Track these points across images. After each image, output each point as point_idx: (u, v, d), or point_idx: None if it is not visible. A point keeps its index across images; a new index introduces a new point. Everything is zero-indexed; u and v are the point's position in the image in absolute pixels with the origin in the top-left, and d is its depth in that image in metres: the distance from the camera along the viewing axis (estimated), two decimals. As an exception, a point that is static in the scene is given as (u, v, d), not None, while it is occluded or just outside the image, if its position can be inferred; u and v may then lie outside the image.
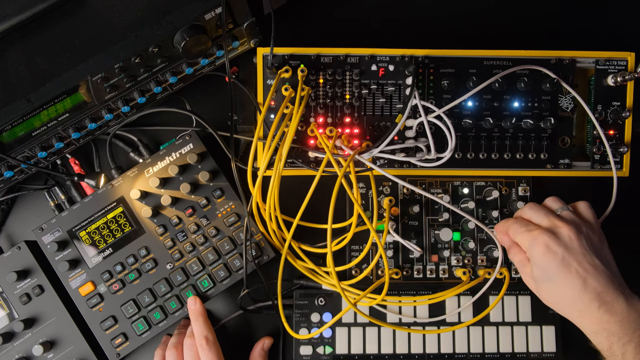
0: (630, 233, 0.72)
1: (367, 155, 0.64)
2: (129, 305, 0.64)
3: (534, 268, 0.56)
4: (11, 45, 0.55)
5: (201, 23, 0.57)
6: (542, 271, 0.55)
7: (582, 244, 0.54)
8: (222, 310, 0.70)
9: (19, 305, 0.63)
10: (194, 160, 0.65)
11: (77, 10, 0.56)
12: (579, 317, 0.54)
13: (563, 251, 0.54)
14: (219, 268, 0.65)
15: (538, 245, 0.55)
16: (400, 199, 0.69)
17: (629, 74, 0.66)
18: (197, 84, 0.68)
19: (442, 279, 0.69)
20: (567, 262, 0.53)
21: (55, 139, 0.61)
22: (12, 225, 0.71)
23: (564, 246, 0.54)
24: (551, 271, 0.54)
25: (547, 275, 0.55)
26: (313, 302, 0.67)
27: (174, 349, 0.63)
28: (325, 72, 0.66)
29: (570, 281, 0.53)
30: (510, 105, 0.68)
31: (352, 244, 0.69)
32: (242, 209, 0.66)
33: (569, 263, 0.53)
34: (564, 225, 0.55)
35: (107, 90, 0.59)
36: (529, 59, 0.67)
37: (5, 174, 0.61)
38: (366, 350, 0.67)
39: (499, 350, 0.67)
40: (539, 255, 0.55)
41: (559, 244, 0.54)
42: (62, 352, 0.63)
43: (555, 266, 0.54)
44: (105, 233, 0.65)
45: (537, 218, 0.58)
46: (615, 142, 0.68)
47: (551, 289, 0.55)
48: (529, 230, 0.57)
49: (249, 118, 0.68)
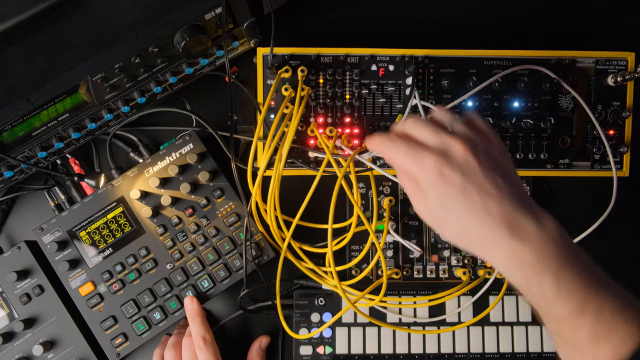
0: (630, 233, 0.72)
1: (367, 155, 0.64)
2: (129, 305, 0.64)
3: (429, 201, 0.46)
4: (11, 45, 0.55)
5: (201, 23, 0.57)
6: (439, 203, 0.46)
7: (481, 164, 0.45)
8: (222, 310, 0.70)
9: (19, 305, 0.63)
10: (194, 160, 0.65)
11: (77, 10, 0.56)
12: (491, 250, 0.45)
13: (461, 176, 0.45)
14: (219, 268, 0.65)
15: (430, 172, 0.45)
16: (400, 199, 0.69)
17: (629, 74, 0.66)
18: (197, 84, 0.68)
19: (442, 279, 0.69)
20: (466, 188, 0.44)
21: (55, 139, 0.61)
22: (12, 225, 0.71)
23: (460, 170, 0.45)
24: (450, 201, 0.45)
25: (447, 207, 0.45)
26: (313, 302, 0.67)
27: (173, 349, 0.63)
28: (325, 72, 0.66)
29: (474, 209, 0.44)
30: (510, 105, 0.68)
31: (352, 244, 0.69)
32: (242, 209, 0.66)
33: (469, 189, 0.44)
34: (456, 143, 0.45)
35: (107, 90, 0.59)
36: (529, 59, 0.67)
37: (5, 174, 0.61)
38: (366, 350, 0.67)
39: (499, 350, 0.67)
40: (433, 186, 0.45)
41: (454, 169, 0.45)
42: (62, 352, 0.63)
43: (454, 195, 0.45)
44: (105, 233, 0.65)
45: (424, 135, 0.47)
46: (615, 142, 0.68)
47: (454, 221, 0.46)
48: (415, 155, 0.46)
49: (249, 118, 0.68)
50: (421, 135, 0.47)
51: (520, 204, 0.45)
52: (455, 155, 0.45)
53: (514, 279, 0.45)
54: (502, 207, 0.44)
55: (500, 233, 0.44)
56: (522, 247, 0.43)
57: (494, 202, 0.44)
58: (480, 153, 0.46)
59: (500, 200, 0.44)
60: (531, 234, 0.43)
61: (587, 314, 0.42)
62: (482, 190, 0.45)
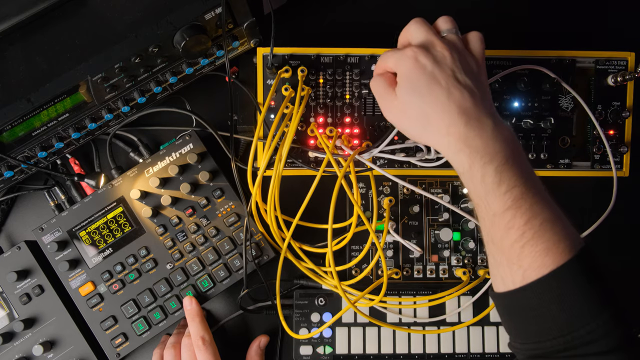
0: (630, 233, 0.72)
1: (367, 155, 0.64)
2: (129, 305, 0.64)
3: (401, 84, 0.51)
4: (11, 45, 0.55)
5: (201, 23, 0.57)
6: (410, 85, 0.50)
7: (455, 62, 0.49)
8: (222, 310, 0.70)
9: (19, 305, 0.63)
10: (194, 160, 0.65)
11: (77, 10, 0.56)
12: (444, 136, 0.48)
13: (432, 65, 0.49)
14: (219, 268, 0.65)
15: (407, 58, 0.50)
16: (400, 199, 0.69)
17: (629, 74, 0.66)
18: (197, 84, 0.68)
19: (442, 279, 0.69)
20: (435, 75, 0.49)
21: (55, 139, 0.61)
22: (12, 225, 0.71)
23: (434, 60, 0.49)
24: (420, 85, 0.49)
25: (416, 90, 0.49)
26: (313, 302, 0.67)
27: (172, 349, 0.63)
28: (325, 72, 0.66)
29: (438, 92, 0.48)
30: (510, 105, 0.68)
31: (352, 244, 0.69)
32: (242, 209, 0.66)
33: (437, 76, 0.48)
34: (439, 43, 0.50)
35: (107, 90, 0.59)
36: (529, 59, 0.67)
37: (5, 174, 0.61)
38: (366, 350, 0.67)
39: (499, 350, 0.67)
40: (407, 69, 0.50)
41: (429, 58, 0.49)
42: (62, 352, 0.63)
43: (424, 79, 0.49)
44: (105, 233, 0.65)
45: (415, 34, 0.52)
46: (615, 142, 0.68)
47: (420, 104, 0.49)
48: (400, 51, 0.51)
49: (249, 118, 0.68)
50: (414, 33, 0.52)
51: (482, 105, 0.48)
52: (434, 50, 0.50)
53: (460, 163, 0.48)
54: (464, 99, 0.48)
55: (456, 121, 0.48)
56: (474, 135, 0.47)
57: (459, 93, 0.48)
58: (459, 56, 0.50)
59: (464, 94, 0.48)
60: (486, 128, 0.47)
61: (520, 214, 0.45)
62: (450, 81, 0.49)
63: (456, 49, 0.50)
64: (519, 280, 0.45)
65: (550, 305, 0.43)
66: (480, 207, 0.48)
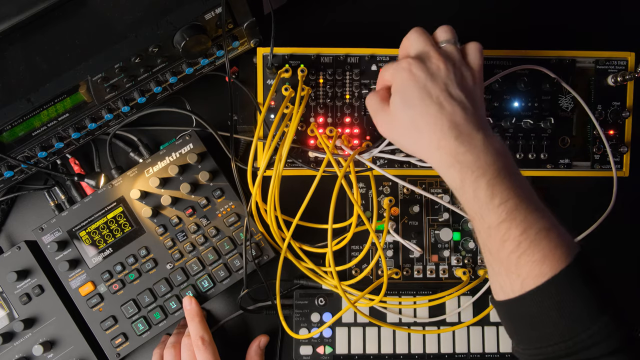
0: (630, 233, 0.72)
1: (367, 155, 0.64)
2: (129, 305, 0.64)
3: (394, 95, 0.51)
4: (11, 45, 0.55)
5: (201, 23, 0.57)
6: (402, 97, 0.50)
7: (449, 76, 0.49)
8: (221, 310, 0.70)
9: (19, 305, 0.63)
10: (194, 160, 0.65)
11: (77, 10, 0.56)
12: (435, 150, 0.48)
13: (426, 77, 0.49)
14: (219, 268, 0.65)
15: (402, 70, 0.50)
16: (400, 199, 0.69)
17: (629, 74, 0.66)
18: (197, 84, 0.68)
19: (442, 279, 0.69)
20: (427, 86, 0.48)
21: (55, 139, 0.61)
22: (12, 225, 0.71)
23: (427, 72, 0.49)
24: (412, 97, 0.49)
25: (408, 102, 0.49)
26: (313, 302, 0.67)
27: (172, 349, 0.63)
28: (325, 72, 0.66)
29: (430, 106, 0.48)
30: (510, 105, 0.68)
31: (352, 244, 0.69)
32: (242, 209, 0.66)
33: (430, 88, 0.48)
34: (436, 55, 0.50)
35: (107, 90, 0.59)
36: (529, 59, 0.67)
37: (5, 174, 0.61)
38: (366, 350, 0.67)
39: (499, 350, 0.67)
40: (401, 80, 0.50)
41: (423, 70, 0.49)
42: (62, 352, 0.63)
43: (417, 91, 0.49)
44: (105, 233, 0.65)
45: (414, 44, 0.52)
46: (615, 142, 0.69)
47: (412, 115, 0.49)
48: (396, 64, 0.51)
49: (249, 118, 0.68)
50: (412, 44, 0.52)
51: (473, 119, 0.48)
52: (429, 62, 0.50)
53: (451, 179, 0.48)
54: (455, 114, 0.48)
55: (446, 134, 0.47)
56: (464, 151, 0.47)
57: (450, 107, 0.48)
58: (454, 69, 0.50)
59: (455, 108, 0.48)
60: (476, 143, 0.47)
61: (515, 225, 0.45)
62: (442, 94, 0.48)
63: (452, 61, 0.50)
64: (518, 289, 0.45)
65: (550, 312, 0.43)
66: (475, 221, 0.48)
